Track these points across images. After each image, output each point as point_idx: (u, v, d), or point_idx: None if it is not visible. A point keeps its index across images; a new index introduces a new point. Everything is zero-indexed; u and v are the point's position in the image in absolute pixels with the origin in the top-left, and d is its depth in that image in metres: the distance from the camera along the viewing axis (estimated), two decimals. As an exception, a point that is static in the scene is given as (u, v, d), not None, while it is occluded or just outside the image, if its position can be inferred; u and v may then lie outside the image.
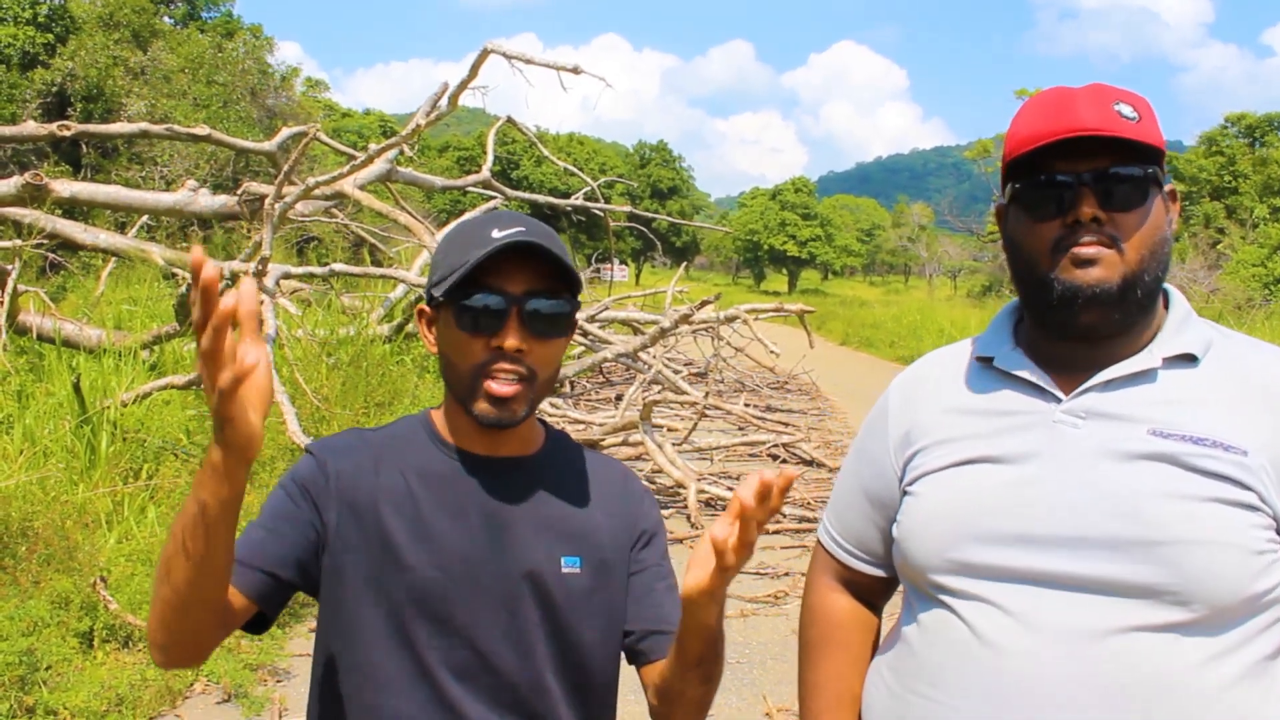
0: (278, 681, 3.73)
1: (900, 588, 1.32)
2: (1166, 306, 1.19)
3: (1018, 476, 1.12)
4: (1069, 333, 1.14)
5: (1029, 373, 1.17)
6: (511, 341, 1.16)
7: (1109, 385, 1.12)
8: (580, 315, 11.23)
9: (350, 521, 1.19)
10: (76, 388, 5.00)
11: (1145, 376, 1.12)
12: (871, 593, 1.36)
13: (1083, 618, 1.05)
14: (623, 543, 1.28)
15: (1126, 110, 1.10)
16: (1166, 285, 1.20)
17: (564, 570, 1.22)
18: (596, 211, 12.29)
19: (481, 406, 1.18)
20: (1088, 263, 1.10)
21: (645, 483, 6.65)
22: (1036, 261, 1.14)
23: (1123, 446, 1.08)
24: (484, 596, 1.19)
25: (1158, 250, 1.12)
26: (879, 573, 1.32)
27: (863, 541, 1.32)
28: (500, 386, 1.17)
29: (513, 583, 1.20)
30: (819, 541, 1.40)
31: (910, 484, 1.22)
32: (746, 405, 9.61)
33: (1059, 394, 1.14)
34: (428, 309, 1.25)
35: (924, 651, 1.16)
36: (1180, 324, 1.16)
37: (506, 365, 1.17)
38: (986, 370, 1.21)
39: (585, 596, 1.23)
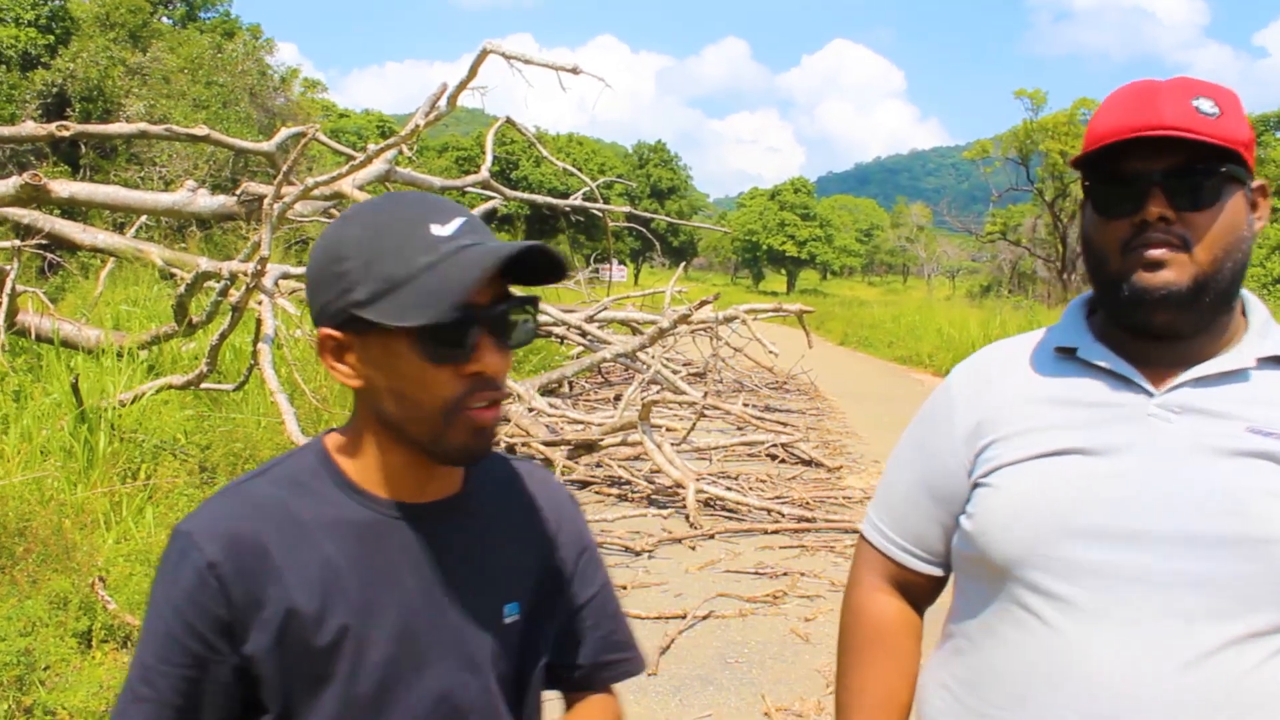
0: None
1: (951, 591, 1.27)
2: (1244, 311, 1.17)
3: (1111, 469, 1.08)
4: (1143, 331, 1.12)
5: (1117, 365, 1.13)
6: (493, 362, 0.96)
7: (1200, 382, 1.10)
8: (579, 315, 11.12)
9: (262, 630, 0.98)
10: (75, 388, 4.99)
11: (1238, 375, 1.10)
12: (922, 593, 1.32)
13: (1183, 618, 1.02)
14: (564, 571, 1.15)
15: (1206, 106, 1.07)
16: (1242, 289, 1.16)
17: (506, 622, 1.07)
18: (595, 212, 12.29)
19: (461, 441, 0.98)
20: (1156, 264, 1.07)
21: (632, 485, 6.56)
22: (1106, 260, 1.12)
23: (1221, 443, 1.06)
24: (429, 674, 1.02)
25: (1233, 250, 1.09)
26: (936, 572, 1.28)
27: (921, 539, 1.27)
28: (485, 414, 0.98)
29: (461, 651, 1.04)
30: (864, 539, 1.35)
31: (985, 476, 1.17)
32: (745, 405, 9.60)
33: (1150, 388, 1.11)
34: (336, 334, 0.98)
35: (1004, 665, 1.11)
36: (1264, 327, 1.14)
37: (488, 393, 0.98)
38: (1069, 361, 1.18)
39: (526, 644, 1.10)
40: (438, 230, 0.94)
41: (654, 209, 57.82)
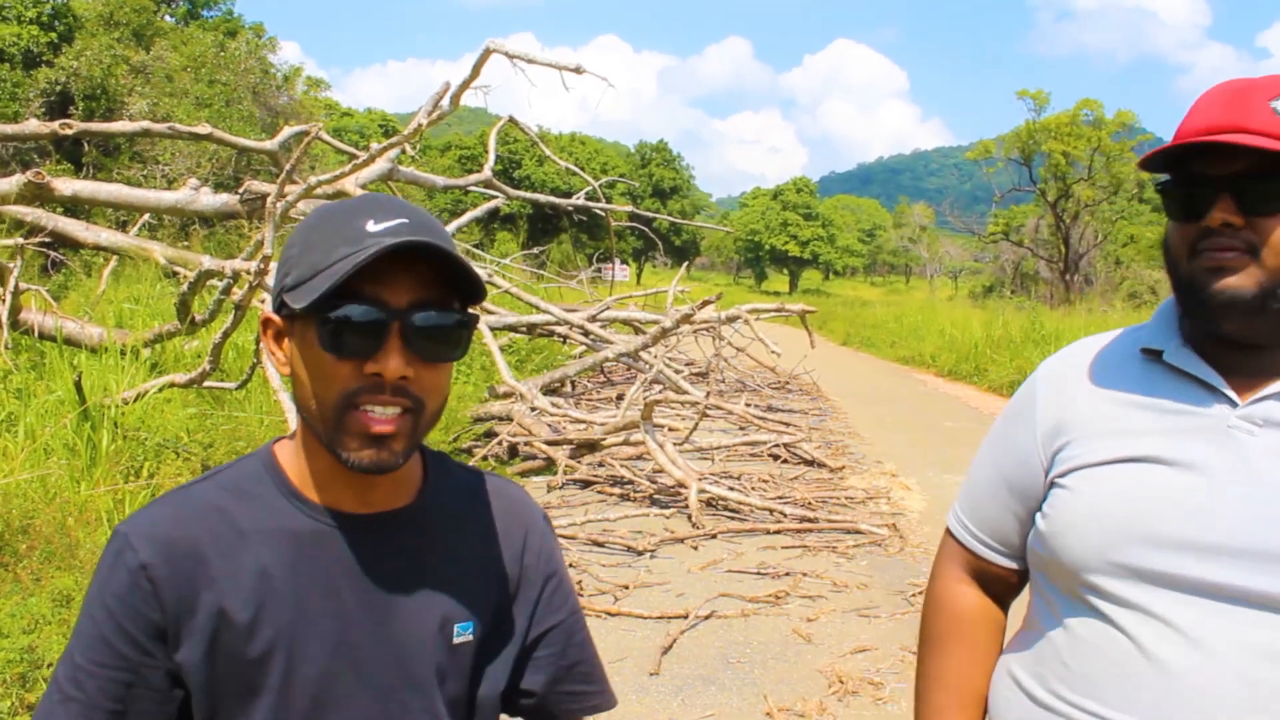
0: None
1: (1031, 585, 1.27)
2: None
3: (1189, 480, 1.06)
4: (1216, 337, 1.09)
5: (1202, 372, 1.10)
6: (394, 365, 0.93)
7: None
8: (582, 315, 11.10)
9: (193, 636, 0.96)
10: (78, 386, 5.00)
11: None
12: (1003, 586, 1.31)
13: (1257, 635, 1.00)
14: (528, 595, 1.13)
15: None
16: None
17: (456, 641, 1.04)
18: (598, 211, 12.30)
19: (353, 447, 0.95)
20: (1220, 270, 1.05)
21: (634, 484, 6.56)
22: (1178, 263, 1.10)
23: None
24: (367, 691, 1.00)
25: None
26: (1012, 565, 1.28)
27: (999, 532, 1.27)
28: (379, 421, 0.94)
29: (402, 668, 1.01)
30: (948, 530, 1.35)
31: (1062, 476, 1.15)
32: (748, 405, 9.60)
33: (1235, 398, 1.08)
34: (276, 319, 1.00)
35: (1077, 662, 1.10)
36: None
37: (385, 397, 0.94)
38: (1154, 364, 1.15)
39: (480, 665, 1.07)
40: (371, 225, 0.94)
41: (656, 209, 57.84)
